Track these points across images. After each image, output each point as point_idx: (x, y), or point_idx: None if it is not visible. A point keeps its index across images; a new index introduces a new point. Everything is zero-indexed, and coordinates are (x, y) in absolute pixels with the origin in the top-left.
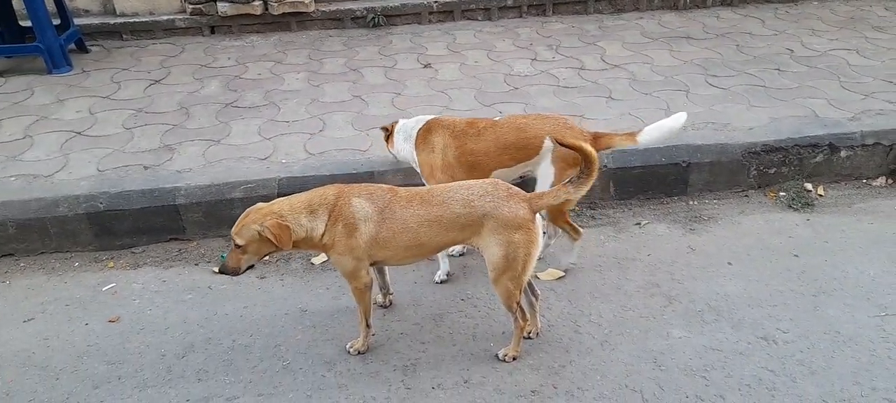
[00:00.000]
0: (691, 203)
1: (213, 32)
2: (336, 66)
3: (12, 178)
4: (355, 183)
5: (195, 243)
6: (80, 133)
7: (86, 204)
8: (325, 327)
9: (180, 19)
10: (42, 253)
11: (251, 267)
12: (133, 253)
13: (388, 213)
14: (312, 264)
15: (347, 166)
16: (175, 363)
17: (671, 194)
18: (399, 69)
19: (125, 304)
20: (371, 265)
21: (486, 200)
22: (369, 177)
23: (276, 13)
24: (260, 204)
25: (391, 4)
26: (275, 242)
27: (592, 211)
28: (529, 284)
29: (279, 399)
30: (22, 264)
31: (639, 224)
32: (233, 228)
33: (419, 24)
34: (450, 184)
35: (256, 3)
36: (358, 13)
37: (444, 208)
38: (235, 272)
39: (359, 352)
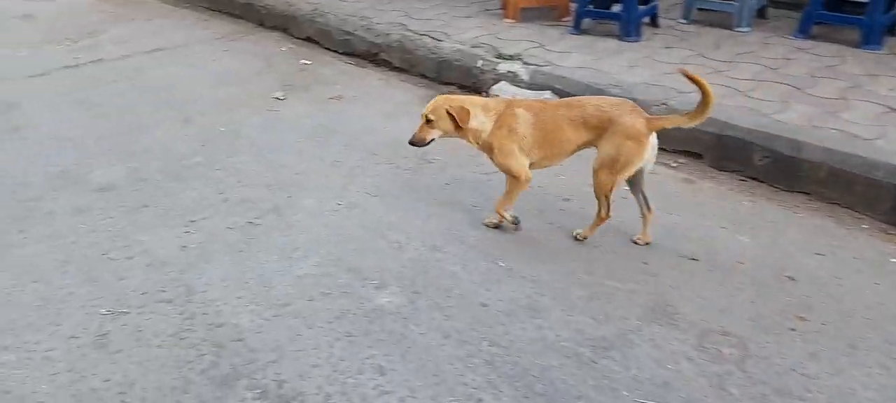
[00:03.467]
0: None
1: None
2: None
3: (833, 131)
4: None
5: None
6: (893, 109)
7: None
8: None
9: None
10: (835, 203)
11: (432, 141)
12: None
13: (540, 116)
14: None
15: None
16: None
17: None
18: None
19: None
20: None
21: (615, 109)
22: None
23: None
24: (448, 95)
25: None
26: (457, 120)
27: None
28: (646, 198)
29: None
30: (813, 205)
31: None
32: (426, 108)
33: None
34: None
35: None
36: None
37: (582, 109)
38: (422, 143)
39: (493, 225)
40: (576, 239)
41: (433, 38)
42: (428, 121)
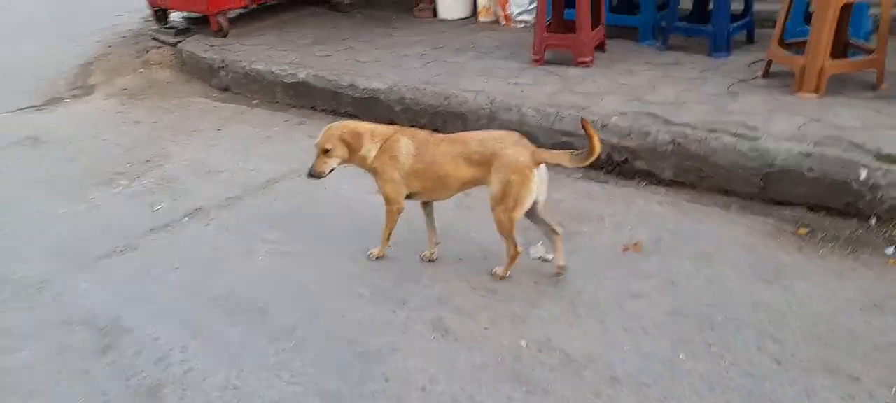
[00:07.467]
0: None
1: None
2: None
3: None
4: None
5: None
6: None
7: None
8: None
9: None
10: None
11: (332, 171)
12: None
13: (423, 149)
14: None
15: None
16: None
17: None
18: None
19: None
20: (407, 197)
21: (497, 143)
22: None
23: None
24: (338, 123)
25: None
26: (352, 146)
27: None
28: (550, 225)
29: None
30: None
31: None
32: (318, 140)
33: None
34: (471, 132)
35: None
36: None
37: (465, 146)
38: (321, 175)
39: (377, 258)
40: (494, 276)
41: (732, 133)
42: (325, 151)
